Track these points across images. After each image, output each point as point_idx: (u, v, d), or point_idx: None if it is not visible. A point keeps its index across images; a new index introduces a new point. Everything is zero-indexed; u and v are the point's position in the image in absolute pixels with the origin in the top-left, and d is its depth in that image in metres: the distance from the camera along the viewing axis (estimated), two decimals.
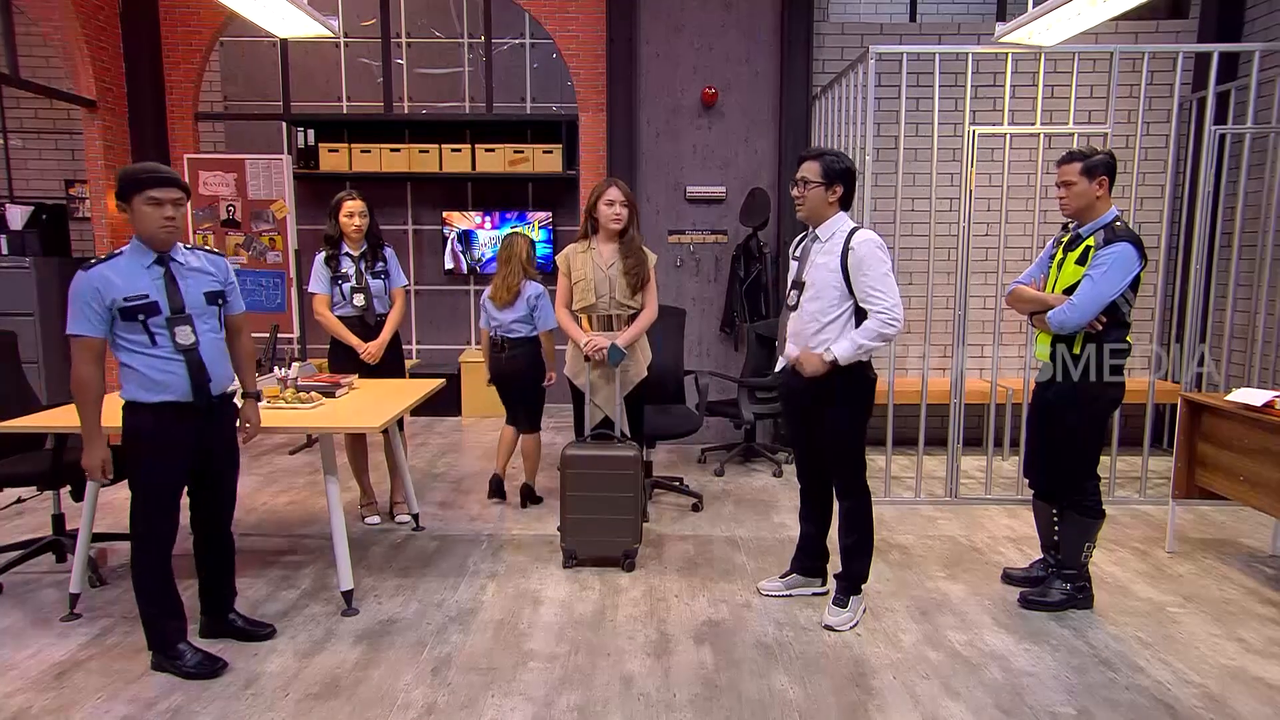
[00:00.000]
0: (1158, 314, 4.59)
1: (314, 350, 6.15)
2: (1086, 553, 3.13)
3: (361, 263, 3.97)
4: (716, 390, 5.24)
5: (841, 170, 2.87)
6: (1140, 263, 2.93)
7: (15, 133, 6.99)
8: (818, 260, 2.89)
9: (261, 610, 3.08)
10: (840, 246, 2.84)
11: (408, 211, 7.13)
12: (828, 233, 2.90)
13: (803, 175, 2.91)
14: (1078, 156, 3.00)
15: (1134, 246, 2.92)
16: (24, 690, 2.53)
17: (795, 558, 3.29)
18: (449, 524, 4.11)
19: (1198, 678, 2.66)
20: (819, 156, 2.90)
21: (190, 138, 5.94)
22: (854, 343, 2.79)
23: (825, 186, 2.87)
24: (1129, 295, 2.97)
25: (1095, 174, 2.97)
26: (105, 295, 2.44)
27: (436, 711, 2.43)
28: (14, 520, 4.07)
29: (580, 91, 5.86)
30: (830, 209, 2.91)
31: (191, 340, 2.53)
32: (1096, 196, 2.99)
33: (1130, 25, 5.49)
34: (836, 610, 3.01)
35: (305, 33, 4.19)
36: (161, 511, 2.60)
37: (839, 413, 2.91)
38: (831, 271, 2.84)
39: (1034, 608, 3.13)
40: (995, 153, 5.28)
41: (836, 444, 2.95)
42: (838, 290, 2.84)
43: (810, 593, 3.24)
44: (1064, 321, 2.96)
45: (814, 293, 2.88)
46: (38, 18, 5.46)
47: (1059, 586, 3.15)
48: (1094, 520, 3.11)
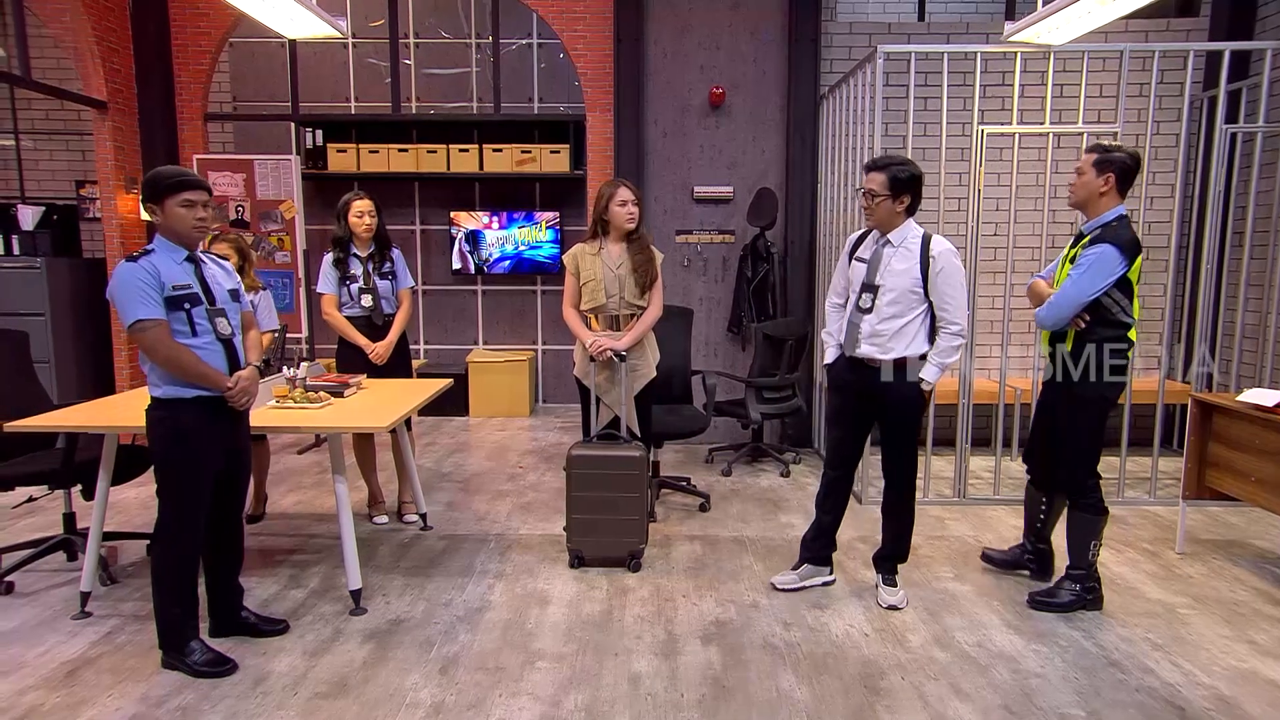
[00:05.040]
0: (1168, 314, 4.57)
1: (322, 350, 6.17)
2: (1094, 551, 3.13)
3: (369, 264, 3.99)
4: (724, 390, 5.24)
5: (907, 178, 2.96)
6: (1124, 265, 2.91)
7: (27, 134, 7.03)
8: (895, 266, 3.00)
9: (270, 609, 3.09)
10: (918, 252, 2.97)
11: (415, 212, 7.14)
12: (900, 238, 3.01)
13: (869, 188, 3.00)
14: (1098, 149, 3.00)
15: (1118, 248, 2.90)
16: (36, 688, 2.55)
17: (806, 546, 3.37)
18: (457, 524, 4.12)
19: (1208, 680, 2.64)
20: (885, 168, 2.97)
21: (199, 138, 5.97)
22: (939, 366, 3.02)
23: (892, 198, 2.96)
24: (1116, 295, 2.96)
25: (1105, 169, 2.96)
26: (160, 280, 2.52)
27: (444, 711, 2.44)
28: (25, 519, 4.10)
29: (588, 91, 5.86)
30: (899, 218, 3.01)
31: (229, 331, 2.66)
32: (1100, 192, 2.98)
33: (1140, 24, 5.46)
34: (892, 590, 3.20)
35: (314, 33, 4.20)
36: (196, 508, 2.64)
37: (902, 414, 3.10)
38: (913, 278, 2.97)
39: (1042, 608, 3.13)
40: (1004, 152, 5.26)
41: (899, 441, 3.13)
42: (916, 295, 2.99)
43: (820, 582, 3.35)
44: (1042, 319, 3.07)
45: (893, 296, 3.00)
46: (49, 20, 5.49)
47: (1068, 587, 3.15)
48: (1097, 517, 3.12)
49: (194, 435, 2.60)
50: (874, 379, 3.07)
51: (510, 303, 7.25)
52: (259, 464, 4.14)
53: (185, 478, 2.61)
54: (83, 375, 6.01)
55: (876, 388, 3.07)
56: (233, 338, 2.68)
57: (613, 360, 3.56)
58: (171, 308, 2.53)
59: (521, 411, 6.88)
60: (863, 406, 3.17)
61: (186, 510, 2.62)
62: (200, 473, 2.63)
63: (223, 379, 2.61)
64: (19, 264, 5.77)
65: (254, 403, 2.80)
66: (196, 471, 2.62)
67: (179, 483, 2.61)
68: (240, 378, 2.65)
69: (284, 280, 5.96)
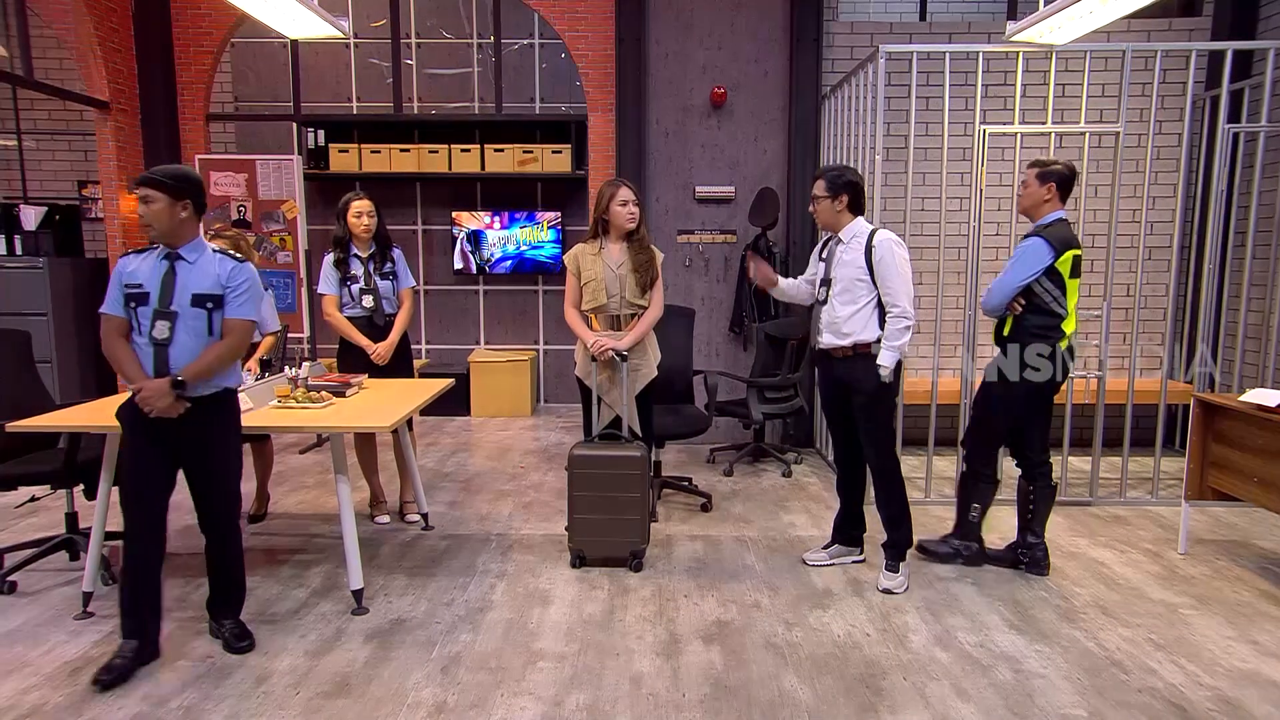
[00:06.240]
0: (1170, 314, 4.56)
1: (323, 350, 6.18)
2: (974, 514, 3.55)
3: (370, 264, 3.99)
4: (725, 390, 5.24)
5: (844, 183, 3.28)
6: (1051, 255, 3.23)
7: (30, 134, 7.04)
8: (844, 259, 3.28)
9: (272, 609, 3.10)
10: (863, 245, 3.23)
11: (417, 212, 7.15)
12: (849, 235, 3.29)
13: (813, 193, 3.35)
14: (1038, 164, 3.40)
15: (1045, 241, 3.25)
16: (39, 687, 2.55)
17: (836, 528, 3.61)
18: (458, 524, 4.12)
19: (1211, 680, 2.64)
20: (824, 174, 3.33)
21: (201, 138, 5.97)
22: (892, 351, 3.19)
23: (831, 198, 3.28)
24: (1046, 285, 3.28)
25: (1047, 180, 3.34)
26: (121, 278, 2.61)
27: (446, 710, 2.44)
28: (28, 519, 4.11)
29: (589, 91, 5.86)
30: (843, 216, 3.30)
31: (165, 336, 2.59)
32: (1045, 200, 3.35)
33: (1142, 23, 5.45)
34: (890, 575, 3.34)
35: (316, 34, 4.21)
36: (133, 503, 2.63)
37: (868, 399, 3.27)
38: (857, 268, 3.23)
39: (924, 554, 3.60)
40: (1006, 152, 5.25)
41: (866, 431, 3.33)
42: (863, 284, 3.23)
43: (851, 560, 3.58)
44: (983, 305, 3.45)
45: (842, 286, 3.27)
46: (51, 20, 5.50)
47: (949, 542, 3.60)
48: (985, 486, 3.54)
49: (130, 427, 2.64)
50: (833, 370, 3.36)
51: (512, 303, 7.25)
52: (262, 463, 4.15)
53: (122, 467, 2.69)
54: (85, 375, 6.02)
55: (838, 378, 3.34)
56: (167, 344, 2.58)
57: (614, 360, 3.56)
58: (125, 304, 2.61)
59: (523, 411, 6.88)
60: (835, 395, 3.42)
61: (127, 503, 2.65)
62: (134, 465, 2.64)
63: (134, 381, 2.57)
64: (21, 264, 5.78)
65: (163, 413, 2.55)
66: (130, 464, 2.65)
67: (122, 472, 2.69)
68: (143, 386, 2.54)
69: (286, 280, 5.97)
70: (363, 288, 3.97)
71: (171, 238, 2.62)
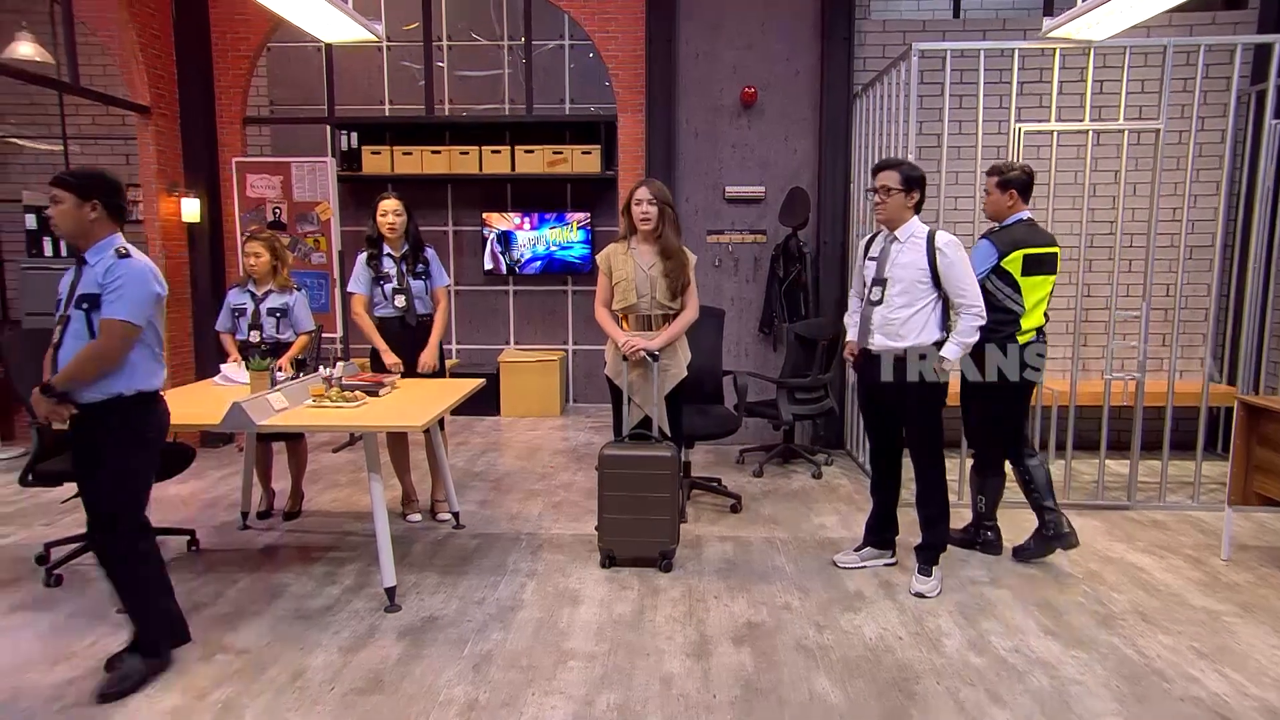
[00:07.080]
0: (1212, 314, 4.45)
1: (356, 350, 6.25)
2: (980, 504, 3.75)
3: (403, 264, 4.03)
4: (755, 391, 5.21)
5: (918, 177, 3.22)
6: (996, 255, 3.40)
7: (74, 139, 7.21)
8: (901, 259, 3.21)
9: (306, 605, 3.15)
10: (923, 246, 3.18)
11: (448, 213, 7.21)
12: (905, 234, 3.23)
13: (883, 184, 3.22)
14: (996, 172, 3.53)
15: (990, 241, 3.45)
16: (84, 677, 2.62)
17: (869, 529, 3.58)
18: (489, 523, 4.15)
19: (1257, 690, 2.57)
20: (897, 165, 3.23)
21: (238, 141, 6.07)
22: (959, 344, 3.18)
23: (905, 193, 3.19)
24: (997, 283, 3.41)
25: (1007, 188, 3.50)
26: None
27: (478, 708, 2.46)
28: (73, 513, 4.21)
29: (619, 92, 5.87)
30: (908, 213, 3.23)
31: (56, 339, 2.54)
32: (1008, 205, 3.52)
33: (1184, 17, 5.33)
34: (923, 579, 3.30)
35: (350, 38, 4.25)
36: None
37: (921, 401, 3.24)
38: (919, 269, 3.17)
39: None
40: (1042, 150, 5.16)
41: (912, 431, 3.33)
42: (924, 285, 3.19)
43: (883, 563, 3.55)
44: None
45: (901, 288, 3.20)
46: (96, 28, 5.63)
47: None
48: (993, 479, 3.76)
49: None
50: (879, 371, 3.28)
51: (541, 303, 7.29)
52: (296, 462, 4.22)
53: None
54: None
55: (887, 379, 3.27)
56: (60, 347, 2.51)
57: (645, 360, 3.56)
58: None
59: (552, 411, 6.91)
60: (879, 395, 3.35)
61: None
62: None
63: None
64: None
65: (48, 419, 2.49)
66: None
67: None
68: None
69: (319, 281, 6.05)
70: (395, 287, 4.01)
71: (79, 239, 2.54)
